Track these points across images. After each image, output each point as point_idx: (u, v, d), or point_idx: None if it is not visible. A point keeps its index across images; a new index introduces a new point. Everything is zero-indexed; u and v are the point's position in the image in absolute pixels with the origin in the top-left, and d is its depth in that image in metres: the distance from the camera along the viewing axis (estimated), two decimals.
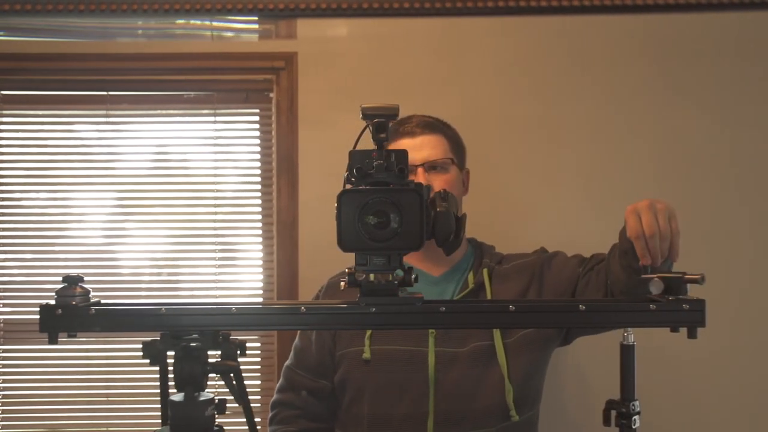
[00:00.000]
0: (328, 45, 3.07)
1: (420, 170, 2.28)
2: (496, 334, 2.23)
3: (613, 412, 1.55)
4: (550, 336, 2.31)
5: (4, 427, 3.19)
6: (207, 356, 1.50)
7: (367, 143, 1.43)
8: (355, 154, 1.42)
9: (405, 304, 1.43)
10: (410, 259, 2.35)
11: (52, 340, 1.47)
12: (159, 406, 3.03)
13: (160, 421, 3.07)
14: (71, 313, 1.46)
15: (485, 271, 2.32)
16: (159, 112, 3.22)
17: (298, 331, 2.39)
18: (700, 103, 3.08)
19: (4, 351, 3.21)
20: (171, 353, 1.50)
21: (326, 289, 2.40)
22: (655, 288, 1.51)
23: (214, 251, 3.21)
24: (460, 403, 2.21)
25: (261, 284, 3.22)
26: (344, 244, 1.39)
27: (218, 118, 3.21)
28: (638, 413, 1.54)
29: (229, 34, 3.19)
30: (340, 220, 1.38)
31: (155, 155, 3.23)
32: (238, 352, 1.52)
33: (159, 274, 3.23)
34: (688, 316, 1.43)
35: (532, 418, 2.32)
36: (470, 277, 2.32)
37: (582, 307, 1.47)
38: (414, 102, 2.47)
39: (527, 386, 2.28)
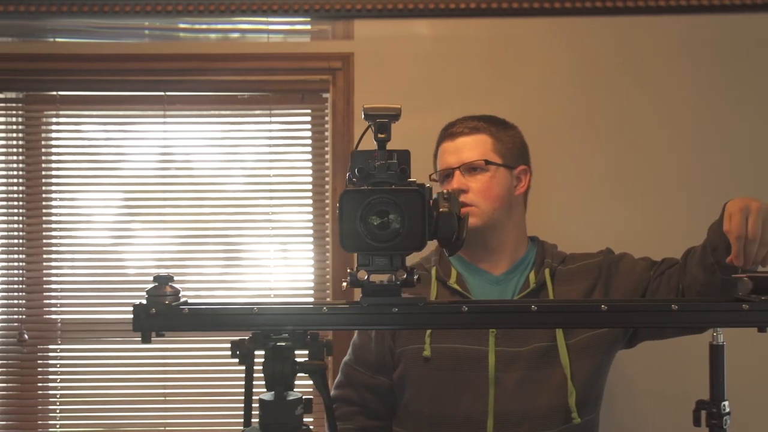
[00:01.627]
0: (384, 45, 3.07)
1: (456, 173, 2.28)
2: (559, 334, 2.21)
3: (703, 413, 1.54)
4: (616, 338, 2.29)
5: (62, 426, 3.21)
6: (295, 356, 1.50)
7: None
8: (356, 154, 1.42)
9: (407, 304, 1.43)
10: (471, 258, 2.34)
11: (145, 339, 1.48)
12: (215, 406, 3.10)
13: (215, 420, 3.12)
14: (164, 313, 1.47)
15: (547, 271, 2.30)
16: (214, 112, 3.23)
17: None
18: (754, 104, 3.06)
19: (62, 351, 3.23)
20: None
21: None
22: (744, 287, 1.50)
23: (268, 251, 3.22)
24: (521, 403, 2.19)
25: (312, 284, 3.22)
26: (346, 244, 1.39)
27: (273, 119, 3.22)
28: (728, 413, 1.53)
29: (285, 35, 3.20)
30: (341, 220, 1.38)
31: (210, 155, 3.24)
32: (325, 351, 1.53)
33: (223, 274, 3.25)
34: None
35: (593, 421, 2.30)
36: (531, 276, 2.31)
37: (675, 306, 1.46)
38: (469, 102, 2.47)
39: (590, 388, 2.26)
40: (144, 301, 1.49)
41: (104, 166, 3.25)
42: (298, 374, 1.48)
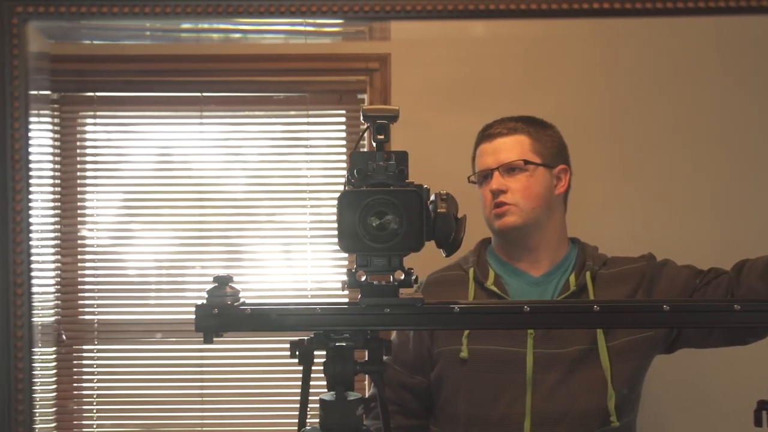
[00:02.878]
0: (421, 46, 3.07)
1: (496, 173, 2.26)
2: (600, 337, 2.20)
3: (765, 413, 1.53)
4: (657, 342, 2.27)
5: (99, 426, 3.22)
6: (355, 356, 1.50)
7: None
8: (355, 155, 1.42)
9: (406, 305, 1.43)
10: (510, 258, 2.33)
11: (208, 340, 1.48)
12: (252, 406, 3.10)
13: (252, 421, 3.12)
14: (227, 313, 1.47)
15: (588, 274, 2.29)
16: (251, 113, 3.24)
17: None
18: None
19: (99, 351, 3.24)
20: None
21: (426, 286, 2.38)
22: None
23: (305, 251, 3.22)
24: (558, 405, 2.18)
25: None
26: (344, 245, 1.40)
27: (310, 119, 3.22)
28: None
29: (322, 36, 3.21)
30: (340, 221, 1.38)
31: (246, 156, 3.25)
32: (384, 351, 1.53)
33: (263, 274, 3.28)
34: None
35: (630, 423, 2.29)
36: (572, 279, 2.29)
37: (737, 306, 1.45)
38: (506, 103, 2.46)
39: (629, 391, 2.24)
40: (205, 302, 1.49)
41: (140, 166, 3.25)
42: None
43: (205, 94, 3.20)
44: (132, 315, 3.24)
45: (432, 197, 1.45)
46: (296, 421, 3.18)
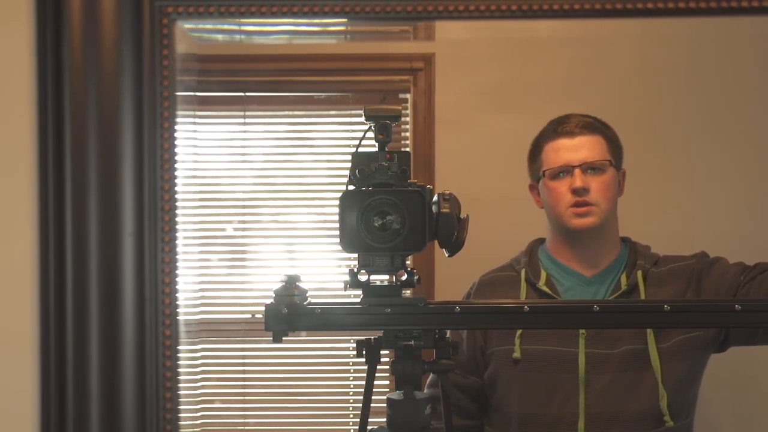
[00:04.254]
0: (465, 47, 3.07)
1: (577, 171, 2.24)
2: (650, 338, 2.20)
3: None
4: (709, 341, 2.26)
5: None
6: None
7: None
8: (357, 155, 1.44)
9: (408, 304, 1.44)
10: (564, 258, 2.33)
11: (277, 339, 1.48)
12: (294, 406, 3.11)
13: (294, 420, 3.12)
14: (296, 312, 1.47)
15: (639, 273, 2.28)
16: (293, 113, 3.25)
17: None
18: None
19: None
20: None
21: (478, 287, 2.38)
22: None
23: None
24: (612, 405, 2.18)
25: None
26: (347, 245, 1.41)
27: (353, 119, 3.23)
28: None
29: (366, 35, 3.21)
30: (342, 221, 1.40)
31: (290, 156, 3.26)
32: (451, 351, 1.53)
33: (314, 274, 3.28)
34: None
35: (687, 425, 2.27)
36: (623, 278, 2.29)
37: None
38: (551, 104, 2.45)
39: (683, 392, 2.23)
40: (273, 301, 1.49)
41: (183, 166, 3.26)
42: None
43: (248, 94, 3.20)
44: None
45: (435, 197, 1.46)
46: (340, 420, 3.20)
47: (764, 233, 2.94)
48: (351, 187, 1.43)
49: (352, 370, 3.15)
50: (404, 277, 1.43)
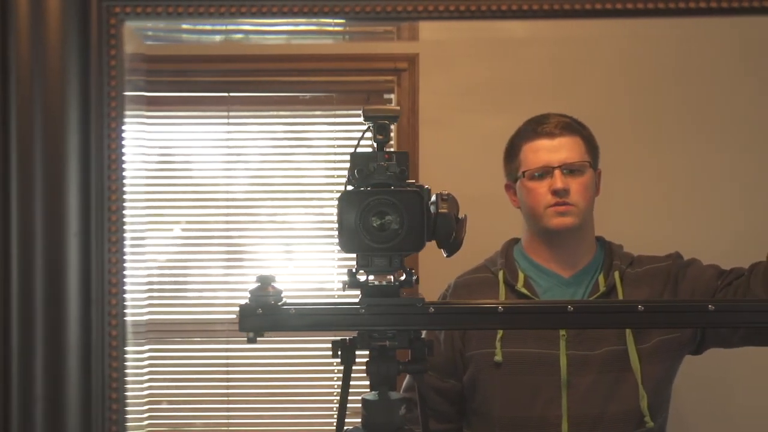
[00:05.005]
0: (449, 47, 3.07)
1: (557, 172, 2.24)
2: (630, 339, 2.21)
3: None
4: (686, 342, 2.28)
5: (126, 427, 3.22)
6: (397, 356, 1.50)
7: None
8: (356, 155, 1.43)
9: (406, 305, 1.43)
10: (541, 259, 2.33)
11: (252, 340, 1.48)
12: (278, 407, 3.10)
13: (278, 421, 3.12)
14: (271, 313, 1.46)
15: (617, 274, 2.29)
16: (278, 113, 3.25)
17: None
18: None
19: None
20: None
21: (454, 289, 2.37)
22: None
23: (332, 251, 3.23)
24: (594, 407, 2.19)
25: None
26: (345, 245, 1.40)
27: (337, 119, 3.23)
28: None
29: (350, 36, 3.21)
30: (341, 221, 1.40)
31: (274, 156, 3.26)
32: (426, 351, 1.53)
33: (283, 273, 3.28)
34: None
35: (662, 424, 2.30)
36: (601, 279, 2.29)
37: None
38: (534, 104, 2.45)
39: (661, 392, 2.26)
40: (248, 302, 1.48)
41: (169, 167, 3.26)
42: None
43: (232, 94, 3.20)
44: (160, 315, 3.25)
45: (433, 198, 1.45)
46: (323, 420, 3.19)
47: (738, 235, 2.95)
48: (350, 188, 1.42)
49: (335, 371, 3.14)
50: (403, 277, 1.42)
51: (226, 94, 3.20)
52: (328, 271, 3.26)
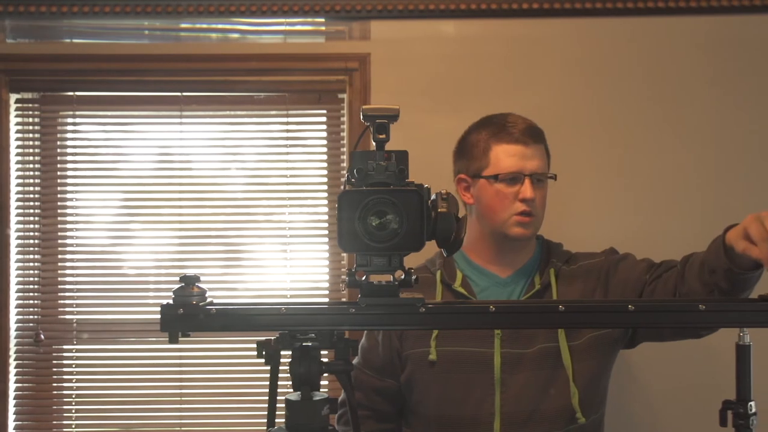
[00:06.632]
0: (401, 46, 3.08)
1: (528, 180, 2.24)
2: (561, 336, 2.23)
3: (730, 413, 1.54)
4: (617, 338, 2.30)
5: (78, 426, 3.21)
6: (321, 356, 1.50)
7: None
8: (355, 155, 1.42)
9: (406, 305, 1.43)
10: (480, 260, 2.34)
11: (173, 340, 1.48)
12: (231, 406, 3.11)
13: (232, 421, 3.12)
14: (192, 313, 1.46)
15: (552, 271, 2.31)
16: (231, 113, 3.24)
17: (365, 331, 2.36)
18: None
19: (78, 351, 3.23)
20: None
21: None
22: None
23: (284, 251, 3.22)
24: (527, 404, 2.21)
25: (327, 284, 3.23)
26: (344, 245, 1.39)
27: (290, 119, 3.22)
28: (755, 414, 1.53)
29: (302, 35, 3.21)
30: (340, 221, 1.38)
31: (226, 156, 3.25)
32: (351, 351, 1.53)
33: (241, 274, 3.28)
34: None
35: (597, 420, 2.32)
36: (536, 278, 2.32)
37: (702, 306, 1.46)
38: (487, 103, 2.46)
39: (593, 389, 2.28)
40: (171, 302, 1.48)
41: (121, 166, 3.25)
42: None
43: (185, 93, 3.19)
44: (111, 315, 3.24)
45: (432, 197, 1.45)
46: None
47: (675, 231, 2.98)
48: (349, 187, 1.42)
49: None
50: (402, 277, 1.42)
51: (179, 94, 3.19)
52: (280, 271, 3.26)
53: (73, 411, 3.23)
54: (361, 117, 1.43)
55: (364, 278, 1.42)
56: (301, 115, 3.24)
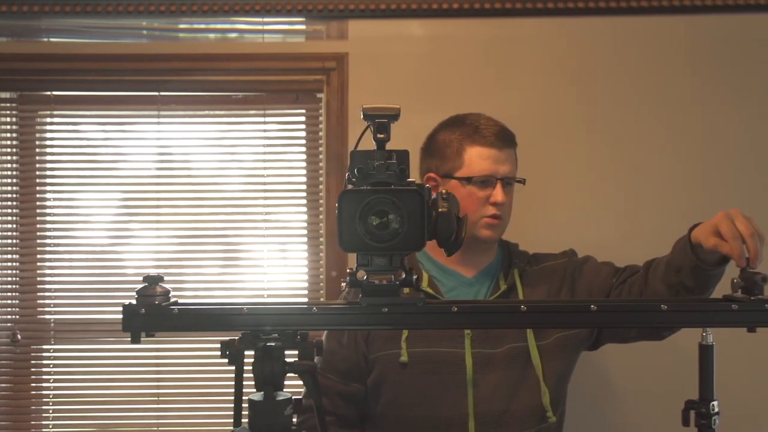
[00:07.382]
0: (379, 45, 3.07)
1: (500, 184, 2.25)
2: (530, 336, 2.24)
3: (692, 412, 1.55)
4: (583, 339, 2.33)
5: (55, 426, 3.21)
6: (285, 356, 1.50)
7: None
8: (356, 154, 1.42)
9: (406, 304, 1.43)
10: (444, 260, 2.34)
11: (135, 340, 1.48)
12: (208, 406, 3.10)
13: (209, 421, 3.12)
14: (154, 313, 1.47)
15: (516, 272, 2.33)
16: (209, 112, 3.24)
17: (325, 333, 2.32)
18: (743, 105, 3.08)
19: (56, 351, 3.23)
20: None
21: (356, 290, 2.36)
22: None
23: (262, 251, 3.22)
24: (499, 404, 2.22)
25: (306, 284, 3.23)
26: (345, 244, 1.39)
27: (267, 119, 3.22)
28: (717, 413, 1.54)
29: (280, 35, 3.20)
30: (340, 220, 1.38)
31: (204, 155, 3.25)
32: (315, 351, 1.53)
33: (219, 274, 3.27)
34: None
35: (561, 417, 2.35)
36: (501, 279, 2.33)
37: (664, 306, 1.46)
38: (465, 103, 2.46)
39: (560, 388, 2.31)
40: (134, 302, 1.48)
41: (99, 166, 3.24)
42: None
43: (163, 93, 3.19)
44: (89, 315, 3.23)
45: (433, 196, 1.45)
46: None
47: (657, 233, 2.98)
48: (349, 187, 1.41)
49: None
50: (403, 276, 1.42)
51: (156, 93, 3.19)
52: (257, 270, 3.26)
53: (51, 411, 3.23)
54: (362, 116, 1.42)
55: (364, 278, 1.41)
56: (278, 115, 3.23)
